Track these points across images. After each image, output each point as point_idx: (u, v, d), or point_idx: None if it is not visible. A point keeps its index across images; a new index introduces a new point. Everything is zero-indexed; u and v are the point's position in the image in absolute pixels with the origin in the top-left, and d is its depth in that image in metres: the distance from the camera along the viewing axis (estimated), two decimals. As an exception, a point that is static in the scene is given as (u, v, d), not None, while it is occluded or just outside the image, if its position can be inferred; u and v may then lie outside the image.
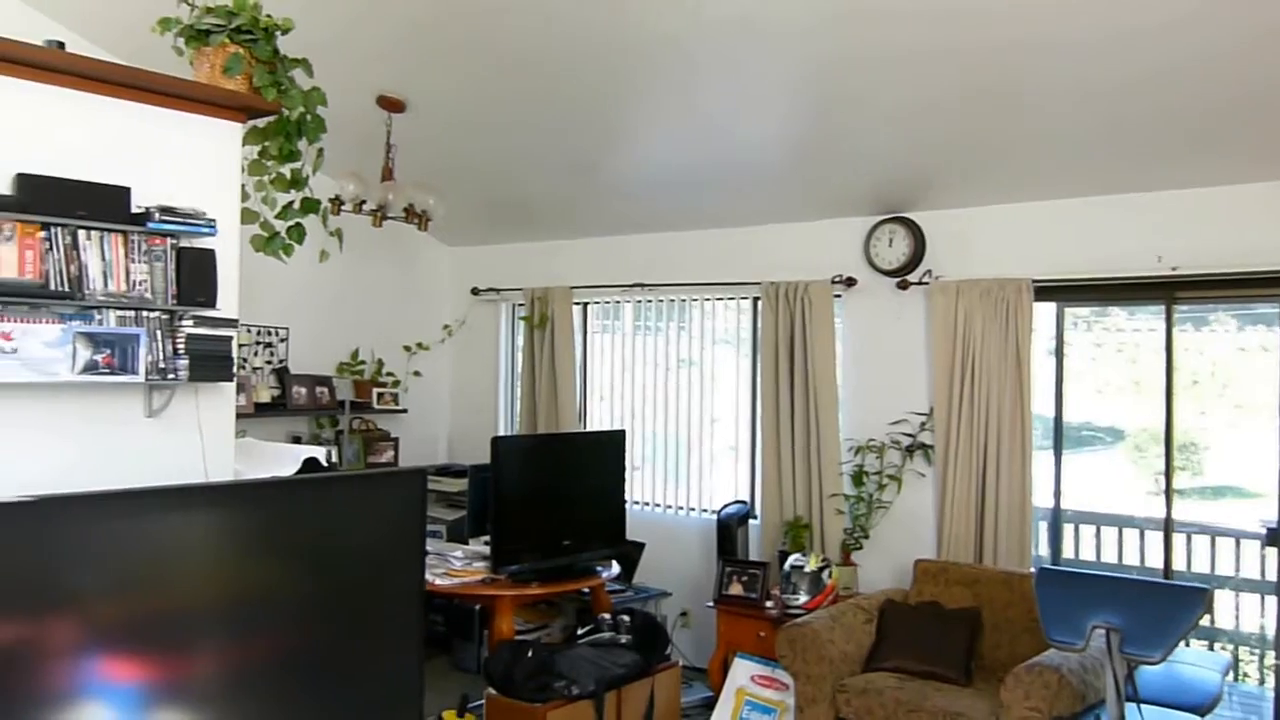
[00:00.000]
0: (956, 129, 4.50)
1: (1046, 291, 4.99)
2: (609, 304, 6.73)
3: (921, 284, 5.32)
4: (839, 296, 5.61)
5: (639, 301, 6.55)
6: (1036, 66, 3.89)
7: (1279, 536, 4.41)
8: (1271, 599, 5.10)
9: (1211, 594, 3.82)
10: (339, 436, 6.36)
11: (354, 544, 3.09)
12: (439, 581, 4.73)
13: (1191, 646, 4.75)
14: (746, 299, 6.11)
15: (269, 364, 6.23)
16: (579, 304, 6.77)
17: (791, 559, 5.14)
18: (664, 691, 4.63)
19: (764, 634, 5.00)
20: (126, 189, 2.93)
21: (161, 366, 2.97)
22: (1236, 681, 5.27)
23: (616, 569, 5.34)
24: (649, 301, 6.50)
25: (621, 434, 5.63)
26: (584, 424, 6.74)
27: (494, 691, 4.25)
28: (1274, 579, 4.82)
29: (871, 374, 5.55)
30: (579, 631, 4.86)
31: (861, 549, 5.41)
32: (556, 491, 5.14)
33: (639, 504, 6.42)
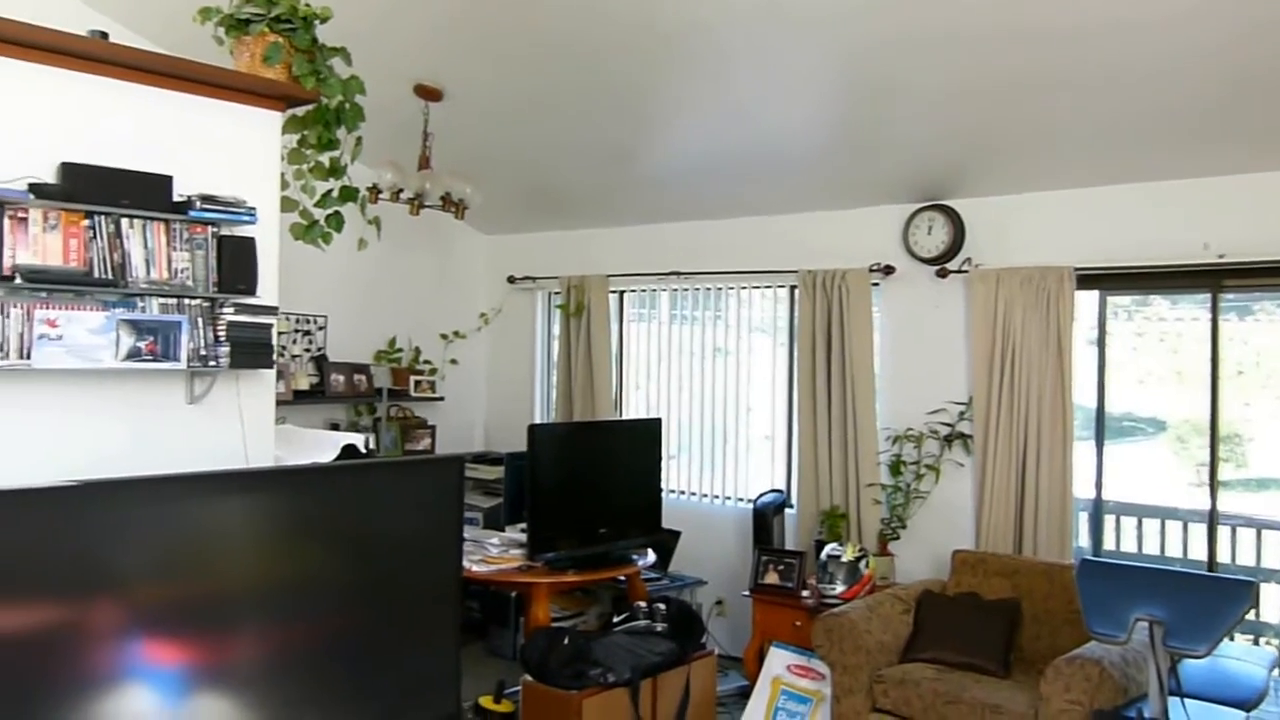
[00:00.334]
0: (996, 114, 4.44)
1: (1088, 279, 4.92)
2: (645, 292, 6.72)
3: (961, 272, 5.26)
4: (877, 285, 5.57)
5: (675, 290, 6.53)
6: (1077, 49, 3.82)
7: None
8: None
9: (1258, 587, 3.75)
10: (376, 424, 6.40)
11: (392, 530, 3.11)
12: (476, 568, 4.75)
13: (1237, 641, 4.67)
14: (783, 287, 6.08)
15: (307, 351, 6.27)
16: (615, 292, 6.77)
17: (828, 548, 5.12)
18: (699, 680, 4.62)
19: (800, 623, 4.98)
20: (169, 178, 2.96)
21: (203, 353, 3.00)
22: (1283, 676, 5.18)
23: (652, 557, 5.33)
24: (685, 290, 6.48)
25: (658, 422, 5.62)
26: (620, 412, 6.73)
27: (530, 678, 4.27)
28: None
29: (909, 363, 5.50)
30: (615, 619, 4.86)
31: (899, 539, 5.38)
32: (592, 479, 5.15)
33: (675, 492, 6.42)
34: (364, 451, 3.76)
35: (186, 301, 2.98)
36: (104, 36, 2.91)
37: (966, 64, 4.06)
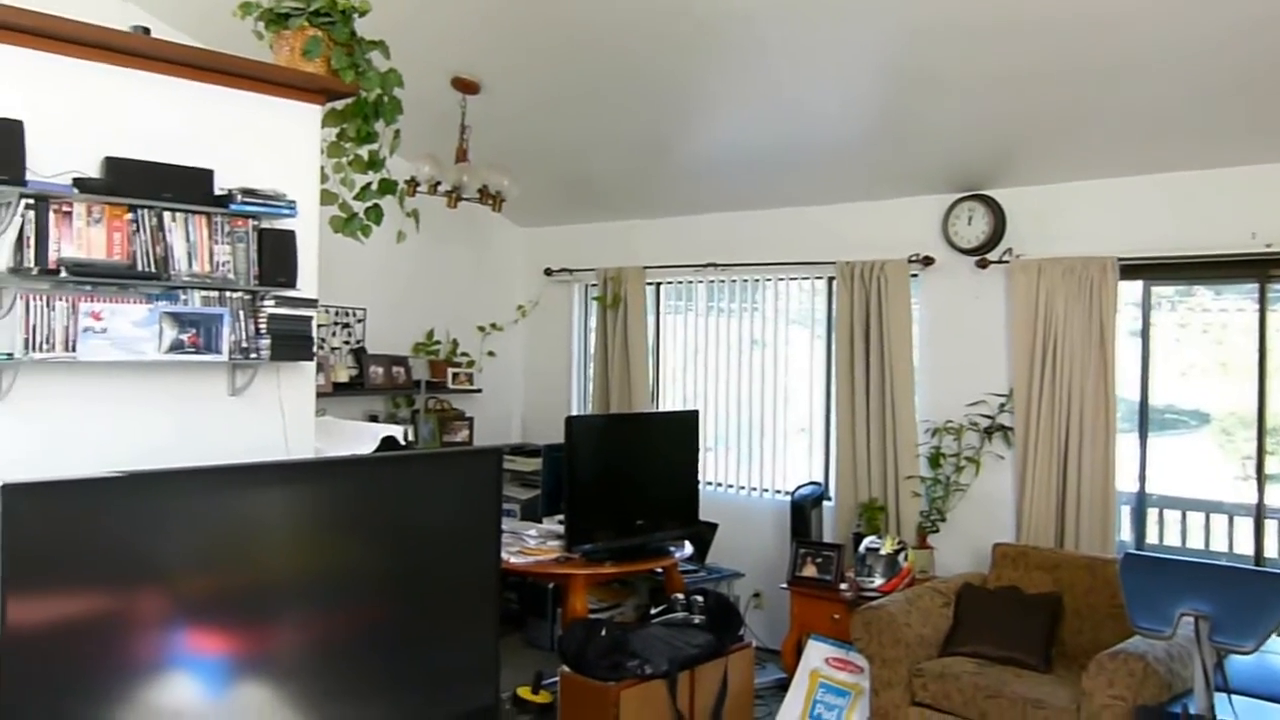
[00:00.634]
0: (1037, 103, 4.38)
1: (1131, 270, 4.85)
2: (682, 284, 6.70)
3: (1001, 262, 5.20)
4: (915, 276, 5.53)
5: (712, 281, 6.51)
6: (1118, 35, 3.76)
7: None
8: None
9: (1307, 582, 3.68)
10: (415, 416, 6.43)
11: (431, 521, 3.12)
12: (514, 560, 4.76)
13: (1284, 636, 4.60)
14: (821, 279, 6.04)
15: (347, 344, 6.32)
16: (652, 284, 6.75)
17: (866, 541, 5.09)
18: (737, 672, 4.62)
19: (838, 616, 4.96)
20: (210, 171, 2.98)
21: (244, 346, 3.03)
22: (1331, 673, 5.09)
23: (689, 549, 5.33)
24: (722, 281, 6.46)
25: (695, 414, 5.61)
26: (657, 404, 6.73)
27: (568, 669, 4.28)
28: (1372, 567, 4.65)
29: (949, 355, 5.45)
30: (652, 611, 4.86)
31: (938, 532, 5.34)
32: (630, 471, 5.14)
33: (712, 484, 6.41)
34: (403, 443, 3.78)
35: (228, 294, 3.01)
36: (146, 32, 2.94)
37: (1007, 51, 4.01)
